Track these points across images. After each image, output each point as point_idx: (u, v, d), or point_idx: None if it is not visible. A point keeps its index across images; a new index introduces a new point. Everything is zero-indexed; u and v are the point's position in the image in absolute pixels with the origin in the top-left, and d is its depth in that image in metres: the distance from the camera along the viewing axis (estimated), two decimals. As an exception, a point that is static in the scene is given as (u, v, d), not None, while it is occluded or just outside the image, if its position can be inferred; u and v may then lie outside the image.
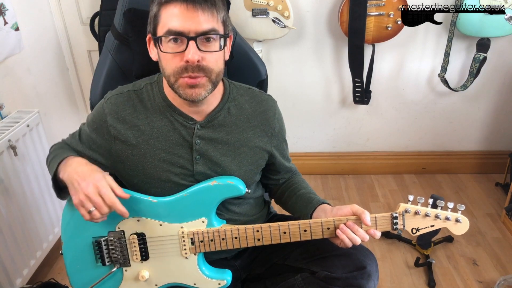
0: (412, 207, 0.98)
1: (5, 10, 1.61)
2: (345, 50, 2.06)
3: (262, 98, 1.09)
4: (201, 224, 1.00)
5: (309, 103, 2.30)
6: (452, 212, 0.99)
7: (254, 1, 1.87)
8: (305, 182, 1.17)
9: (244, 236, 1.00)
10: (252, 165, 1.07)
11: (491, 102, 2.25)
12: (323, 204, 1.05)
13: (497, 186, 2.29)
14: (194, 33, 0.88)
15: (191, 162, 1.02)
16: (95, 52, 2.14)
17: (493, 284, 1.66)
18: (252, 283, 1.19)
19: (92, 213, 0.89)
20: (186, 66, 0.89)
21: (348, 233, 0.95)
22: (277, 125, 1.10)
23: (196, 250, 1.01)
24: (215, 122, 1.03)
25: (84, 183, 0.90)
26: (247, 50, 1.28)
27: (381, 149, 2.44)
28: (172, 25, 0.88)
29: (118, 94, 1.03)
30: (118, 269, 1.03)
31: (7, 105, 1.65)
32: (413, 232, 0.99)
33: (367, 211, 0.97)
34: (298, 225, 0.98)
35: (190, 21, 0.87)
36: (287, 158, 1.18)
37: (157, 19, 0.91)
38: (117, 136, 1.01)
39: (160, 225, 1.00)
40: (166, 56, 0.91)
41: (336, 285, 1.00)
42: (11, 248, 1.51)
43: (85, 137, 1.06)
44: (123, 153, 1.02)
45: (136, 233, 1.01)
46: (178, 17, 0.88)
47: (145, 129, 1.01)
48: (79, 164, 0.97)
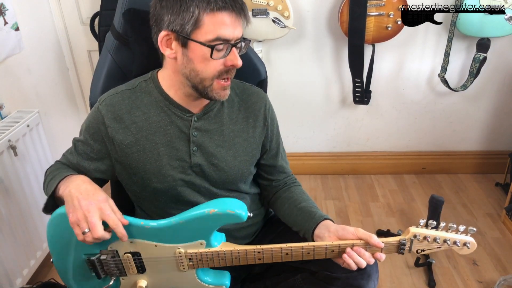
0: (421, 233, 0.95)
1: (5, 10, 1.61)
2: (345, 50, 2.06)
3: (252, 90, 1.12)
4: (199, 245, 0.96)
5: (309, 103, 2.30)
6: (463, 234, 0.96)
7: (254, 1, 1.87)
8: (306, 194, 1.15)
9: (245, 256, 0.96)
10: (247, 156, 1.08)
11: (491, 102, 2.25)
12: (325, 220, 1.03)
13: (497, 186, 2.29)
14: (235, 39, 0.93)
15: (189, 154, 1.03)
16: (95, 52, 2.14)
17: (493, 284, 1.66)
18: (252, 283, 1.19)
19: (85, 235, 0.87)
20: (228, 70, 0.95)
21: (355, 257, 0.93)
22: (269, 116, 1.12)
23: (195, 267, 0.99)
24: (210, 114, 1.05)
25: (85, 202, 0.88)
26: (246, 50, 1.28)
27: (381, 149, 2.44)
28: (222, 33, 0.90)
29: (112, 95, 1.04)
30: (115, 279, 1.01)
31: (7, 105, 1.66)
32: (418, 252, 0.98)
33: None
34: (301, 249, 0.95)
35: (235, 29, 0.92)
36: (282, 156, 1.18)
37: (199, 24, 0.90)
38: (115, 136, 1.01)
39: (155, 246, 0.96)
40: (208, 60, 0.93)
41: (336, 285, 1.00)
42: (11, 248, 1.51)
43: (81, 148, 1.05)
44: (122, 152, 1.02)
45: (130, 252, 0.97)
46: (228, 26, 0.91)
47: (143, 125, 1.02)
48: (83, 181, 0.94)
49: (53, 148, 1.87)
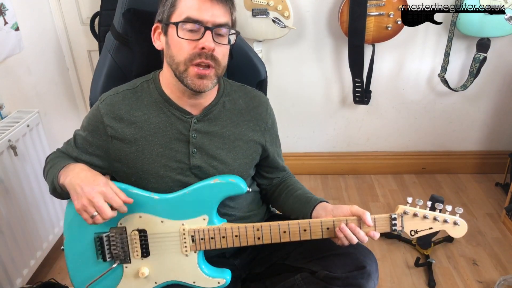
0: (410, 209, 0.98)
1: (5, 10, 1.61)
2: (345, 50, 2.06)
3: (254, 94, 1.13)
4: (202, 221, 1.01)
5: (309, 103, 2.30)
6: (451, 214, 0.99)
7: (254, 1, 1.87)
8: (300, 183, 1.18)
9: (244, 234, 1.01)
10: (247, 158, 1.09)
11: (491, 102, 2.25)
12: (322, 202, 1.06)
13: (497, 186, 2.29)
14: (211, 24, 0.92)
15: (188, 156, 1.03)
16: (95, 52, 2.14)
17: (493, 284, 1.66)
18: (252, 282, 1.19)
19: (95, 218, 0.90)
20: (200, 53, 0.92)
21: (347, 233, 0.96)
22: (270, 120, 1.13)
23: (197, 248, 1.02)
24: (210, 116, 1.05)
25: (87, 187, 0.91)
26: (246, 50, 1.28)
27: (381, 149, 2.44)
28: (191, 13, 0.92)
29: (113, 95, 1.04)
30: (118, 266, 1.03)
31: (7, 105, 1.66)
32: (412, 234, 1.00)
33: (367, 210, 0.97)
34: (298, 225, 0.99)
35: (209, 12, 0.92)
36: (280, 156, 1.20)
37: (174, 7, 0.94)
38: (115, 135, 1.02)
39: (162, 221, 1.01)
40: (179, 42, 0.93)
41: (335, 285, 1.00)
42: (11, 248, 1.51)
43: (80, 142, 1.06)
44: (121, 152, 1.03)
45: (137, 229, 1.01)
46: (199, 7, 0.91)
47: (143, 126, 1.02)
48: (82, 169, 0.97)
49: (53, 148, 1.84)
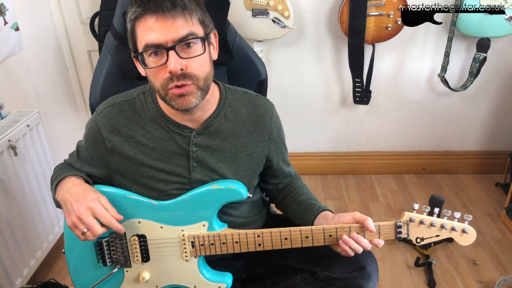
0: (417, 216, 0.95)
1: (5, 10, 1.61)
2: (345, 50, 2.06)
3: (258, 102, 1.07)
4: (201, 227, 1.00)
5: (309, 103, 2.30)
6: (459, 222, 0.96)
7: (254, 1, 1.87)
8: (305, 188, 1.16)
9: (245, 240, 0.99)
10: (249, 171, 1.06)
11: (491, 102, 2.25)
12: (324, 211, 1.04)
13: (497, 186, 2.29)
14: (171, 42, 0.85)
15: (188, 170, 1.01)
16: (95, 52, 2.14)
17: (493, 284, 1.66)
18: (252, 283, 1.19)
19: (85, 235, 0.89)
20: (171, 77, 0.87)
21: (351, 243, 0.93)
22: (275, 129, 1.08)
23: (197, 254, 1.01)
24: (211, 129, 1.02)
25: (76, 204, 0.90)
26: (246, 50, 1.28)
27: (381, 149, 2.44)
28: (148, 39, 0.86)
29: (110, 106, 1.02)
30: (119, 270, 1.03)
31: (7, 105, 1.66)
32: (418, 241, 0.97)
33: (368, 213, 0.96)
34: (299, 232, 0.97)
35: (164, 31, 0.85)
36: (287, 162, 1.17)
37: (134, 36, 0.89)
38: (113, 149, 1.01)
39: (161, 227, 1.00)
40: (151, 71, 0.90)
41: (336, 286, 1.00)
42: (11, 248, 1.51)
43: (83, 153, 1.06)
44: (120, 165, 1.02)
45: (137, 234, 1.01)
46: (152, 30, 0.85)
47: (141, 140, 1.00)
48: (73, 184, 0.96)
49: (53, 148, 1.87)
